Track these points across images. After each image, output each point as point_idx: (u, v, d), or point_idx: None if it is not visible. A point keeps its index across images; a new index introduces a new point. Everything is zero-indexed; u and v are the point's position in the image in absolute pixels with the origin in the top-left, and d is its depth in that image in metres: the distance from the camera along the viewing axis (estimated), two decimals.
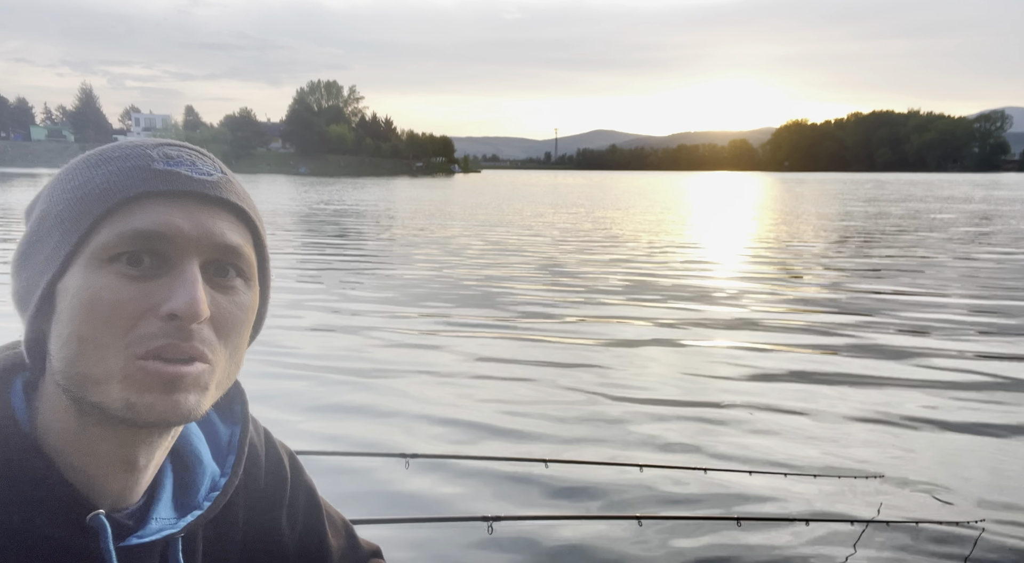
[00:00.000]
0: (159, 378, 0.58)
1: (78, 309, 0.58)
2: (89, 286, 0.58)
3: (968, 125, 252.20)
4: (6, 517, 0.59)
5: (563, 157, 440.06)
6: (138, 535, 0.65)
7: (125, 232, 0.59)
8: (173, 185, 0.61)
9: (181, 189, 0.61)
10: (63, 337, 0.59)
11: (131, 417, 0.59)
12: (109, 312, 0.58)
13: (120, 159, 0.63)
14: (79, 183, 0.62)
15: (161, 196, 0.61)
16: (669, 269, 10.27)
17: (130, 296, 0.58)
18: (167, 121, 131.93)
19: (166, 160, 0.62)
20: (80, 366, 0.58)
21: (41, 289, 0.60)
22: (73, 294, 0.59)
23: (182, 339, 0.59)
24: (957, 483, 3.25)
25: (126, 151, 0.64)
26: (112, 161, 0.63)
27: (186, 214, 0.61)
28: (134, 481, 0.66)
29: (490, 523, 1.98)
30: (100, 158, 0.64)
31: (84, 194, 0.61)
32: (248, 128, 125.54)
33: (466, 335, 6.06)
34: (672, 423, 4.00)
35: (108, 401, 0.58)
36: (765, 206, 29.10)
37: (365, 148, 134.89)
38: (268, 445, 0.85)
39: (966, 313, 7.05)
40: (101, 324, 0.58)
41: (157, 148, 0.64)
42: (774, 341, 5.89)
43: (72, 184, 0.62)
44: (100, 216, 0.59)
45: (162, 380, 0.58)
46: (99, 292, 0.58)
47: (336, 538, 0.92)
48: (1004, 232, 16.35)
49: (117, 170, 0.61)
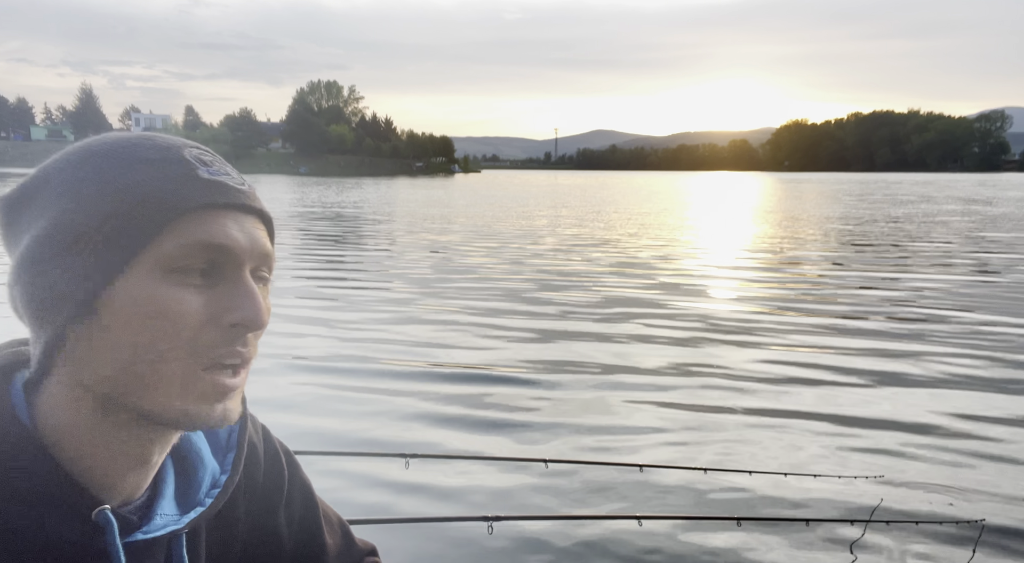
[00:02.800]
0: (217, 389, 0.61)
1: (139, 317, 0.59)
2: (155, 296, 0.59)
3: (968, 125, 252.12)
4: (9, 513, 0.58)
5: (563, 157, 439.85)
6: (143, 531, 0.65)
7: (190, 244, 0.60)
8: (227, 198, 0.63)
9: (232, 202, 0.63)
10: (115, 343, 0.59)
11: (184, 424, 0.62)
12: (175, 322, 0.59)
13: (162, 163, 0.62)
14: (125, 186, 0.60)
15: (218, 207, 0.62)
16: (670, 269, 10.27)
17: (196, 307, 0.60)
18: (167, 121, 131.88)
19: (208, 168, 0.64)
20: (134, 372, 0.59)
21: (83, 296, 0.59)
22: (135, 302, 0.59)
23: (241, 346, 0.63)
24: (957, 483, 3.25)
25: (162, 152, 0.63)
26: (154, 164, 0.62)
27: (239, 226, 0.63)
28: (143, 477, 0.67)
29: (490, 523, 1.98)
30: (133, 158, 0.62)
31: (137, 200, 0.59)
32: (248, 128, 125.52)
33: (466, 335, 6.06)
34: (672, 423, 4.00)
35: (161, 408, 0.60)
36: (766, 207, 29.10)
37: (365, 148, 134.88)
38: (266, 442, 0.85)
39: (966, 313, 7.05)
40: (166, 334, 0.59)
41: (187, 150, 0.64)
42: (774, 341, 5.89)
43: (115, 186, 0.60)
44: (161, 226, 0.59)
45: (219, 392, 0.62)
46: (166, 303, 0.59)
47: (332, 536, 0.92)
48: (1008, 232, 16.34)
49: (166, 176, 0.61)
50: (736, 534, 2.74)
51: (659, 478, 3.24)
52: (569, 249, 12.80)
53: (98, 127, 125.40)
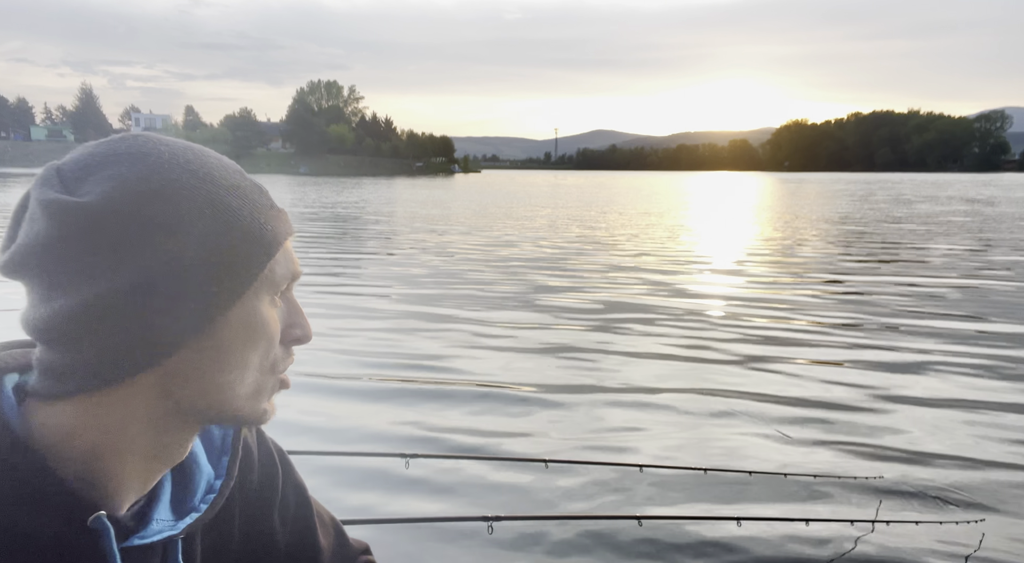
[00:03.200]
0: (274, 391, 0.71)
1: (254, 337, 0.66)
2: (265, 319, 0.67)
3: (968, 125, 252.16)
4: (2, 516, 0.58)
5: (563, 157, 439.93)
6: (139, 536, 0.66)
7: (287, 274, 0.69)
8: (290, 227, 0.72)
9: (292, 230, 0.72)
10: (224, 361, 0.64)
11: (258, 421, 0.70)
12: (272, 339, 0.68)
13: (249, 190, 0.67)
14: (235, 218, 0.63)
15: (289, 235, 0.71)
16: (670, 269, 10.27)
17: (277, 326, 0.69)
18: (167, 121, 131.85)
19: (267, 197, 0.70)
20: (231, 385, 0.65)
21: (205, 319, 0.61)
22: (249, 324, 0.65)
23: (292, 356, 0.73)
24: (957, 483, 3.25)
25: (238, 179, 0.66)
26: (247, 192, 0.66)
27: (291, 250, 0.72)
28: (156, 478, 0.69)
29: (490, 523, 1.98)
30: (228, 186, 0.64)
31: (250, 233, 0.64)
32: (248, 128, 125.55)
33: (466, 335, 6.06)
34: (672, 423, 4.00)
35: (246, 411, 0.68)
36: (768, 207, 29.09)
37: (365, 148, 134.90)
38: (261, 444, 0.86)
39: (967, 313, 7.05)
40: (266, 350, 0.67)
41: (239, 175, 0.68)
42: (775, 342, 5.89)
43: (228, 217, 0.62)
44: (271, 256, 0.66)
45: (274, 392, 0.72)
46: (271, 324, 0.67)
47: (326, 536, 0.93)
48: (1009, 233, 16.34)
49: (261, 206, 0.67)
50: (736, 534, 2.74)
51: (659, 478, 3.24)
52: (569, 249, 12.80)
53: (98, 127, 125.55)
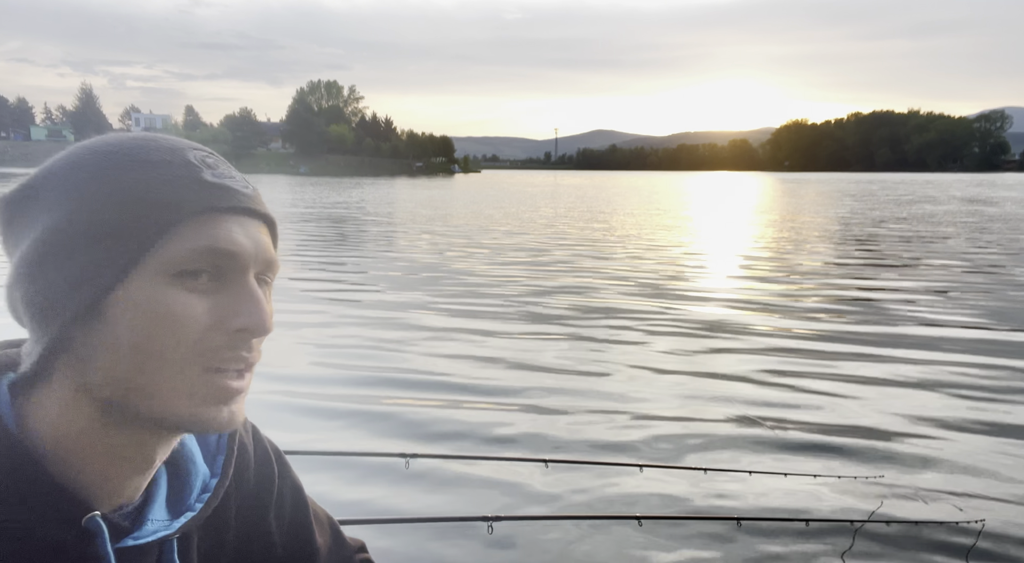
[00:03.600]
0: (224, 392, 0.62)
1: (146, 322, 0.58)
2: (160, 300, 0.59)
3: (968, 125, 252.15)
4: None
5: (563, 157, 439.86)
6: (134, 536, 0.65)
7: (197, 249, 0.60)
8: (233, 202, 0.63)
9: (238, 205, 0.63)
10: (118, 348, 0.58)
11: (194, 428, 0.62)
12: (181, 327, 0.59)
13: (166, 165, 0.61)
14: (128, 187, 0.59)
15: (223, 211, 0.62)
16: (670, 269, 10.26)
17: (199, 311, 0.60)
18: (167, 121, 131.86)
19: (212, 172, 0.63)
20: (140, 378, 0.59)
21: (88, 298, 0.58)
22: (138, 306, 0.58)
23: (247, 351, 0.63)
24: (957, 483, 3.25)
25: (166, 155, 0.62)
26: (158, 166, 0.61)
27: (245, 231, 0.63)
28: (141, 482, 0.67)
29: (490, 523, 1.98)
30: (137, 159, 0.61)
31: (142, 202, 0.59)
32: (248, 128, 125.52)
33: (466, 335, 6.06)
34: (672, 423, 3.99)
35: (170, 413, 0.60)
36: (767, 207, 29.09)
37: (365, 148, 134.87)
38: (257, 444, 0.85)
39: (967, 314, 7.05)
40: (172, 339, 0.59)
41: (192, 152, 0.64)
42: (775, 342, 5.89)
43: (118, 187, 0.59)
44: (166, 229, 0.59)
45: (226, 395, 0.62)
46: (172, 307, 0.59)
47: (322, 535, 0.92)
48: (1006, 232, 16.34)
49: (172, 178, 0.60)
50: (736, 534, 2.74)
51: (659, 478, 3.24)
52: (569, 250, 12.79)
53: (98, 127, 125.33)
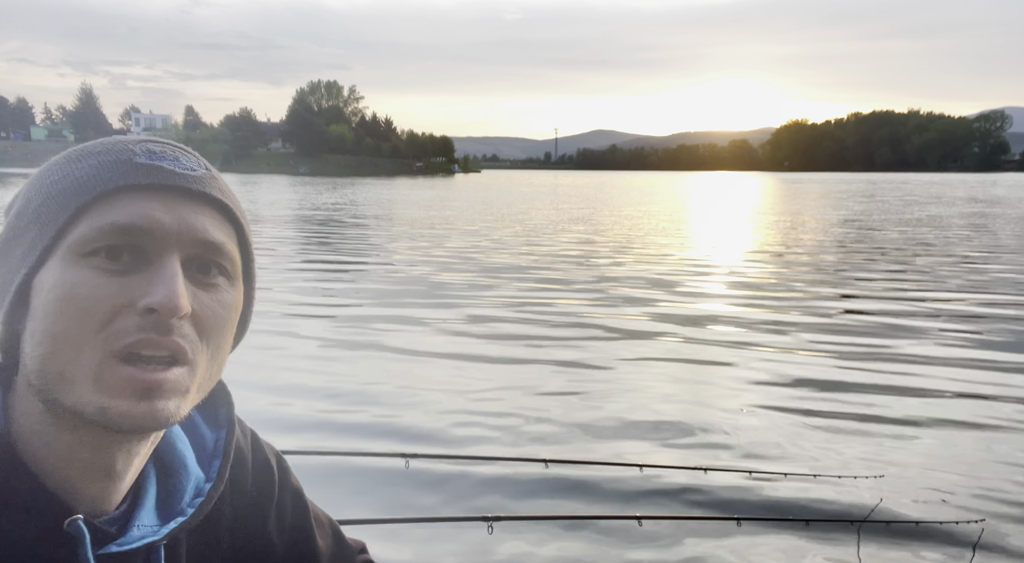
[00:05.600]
0: (138, 384, 0.56)
1: (53, 304, 0.56)
2: (65, 281, 0.56)
3: (968, 125, 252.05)
4: None
5: (563, 157, 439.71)
6: (118, 543, 0.62)
7: (103, 226, 0.57)
8: (154, 178, 0.60)
9: (162, 183, 0.60)
10: (37, 334, 0.57)
11: (105, 422, 0.56)
12: (85, 307, 0.55)
13: (101, 153, 0.62)
14: (58, 177, 0.61)
15: (142, 190, 0.59)
16: (672, 270, 10.27)
17: (107, 291, 0.56)
18: (167, 121, 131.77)
19: (148, 155, 0.61)
20: (54, 365, 0.56)
21: (16, 285, 0.58)
22: (48, 289, 0.56)
23: (160, 334, 0.57)
24: (957, 483, 3.25)
25: (108, 146, 0.63)
26: (93, 156, 0.62)
27: (167, 208, 0.59)
28: (112, 487, 0.64)
29: (490, 523, 1.98)
30: (82, 153, 0.63)
31: (63, 188, 0.60)
32: (248, 128, 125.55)
33: (466, 335, 6.06)
34: (672, 423, 3.99)
35: (81, 404, 0.56)
36: (767, 207, 29.09)
37: (365, 148, 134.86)
38: (255, 447, 0.83)
39: (967, 314, 7.04)
40: (76, 320, 0.55)
41: (140, 144, 0.63)
42: (775, 342, 5.89)
43: (52, 179, 0.61)
44: (79, 209, 0.58)
45: (138, 387, 0.56)
46: (75, 287, 0.56)
47: (323, 538, 0.92)
48: (1005, 235, 16.34)
49: (98, 164, 0.60)
50: (736, 534, 2.74)
51: (659, 478, 3.24)
52: (569, 250, 12.79)
53: (98, 127, 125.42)
